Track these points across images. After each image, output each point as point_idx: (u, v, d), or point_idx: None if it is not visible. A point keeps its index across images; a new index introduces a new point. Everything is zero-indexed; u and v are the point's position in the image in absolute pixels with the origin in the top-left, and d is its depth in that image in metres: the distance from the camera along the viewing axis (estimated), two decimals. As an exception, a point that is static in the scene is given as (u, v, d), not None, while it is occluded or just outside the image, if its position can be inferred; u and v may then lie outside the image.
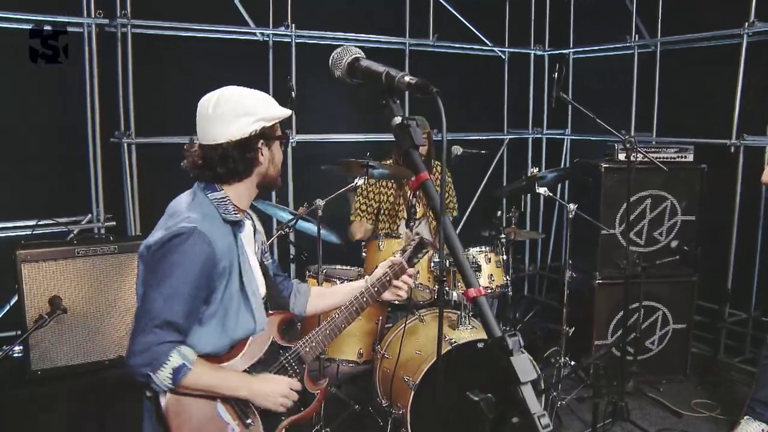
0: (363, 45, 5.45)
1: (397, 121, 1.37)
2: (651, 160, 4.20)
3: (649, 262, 4.52)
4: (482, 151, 4.63)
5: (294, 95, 4.06)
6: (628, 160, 3.96)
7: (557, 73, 4.00)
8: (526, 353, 3.45)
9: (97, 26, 4.44)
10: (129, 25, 4.47)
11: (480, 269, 3.88)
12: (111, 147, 4.64)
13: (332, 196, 3.70)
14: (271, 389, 2.06)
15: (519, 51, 6.51)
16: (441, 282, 1.30)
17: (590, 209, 4.41)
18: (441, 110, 1.27)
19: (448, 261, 3.56)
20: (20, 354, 3.66)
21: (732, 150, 4.89)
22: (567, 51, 6.43)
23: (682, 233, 4.70)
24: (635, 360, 4.54)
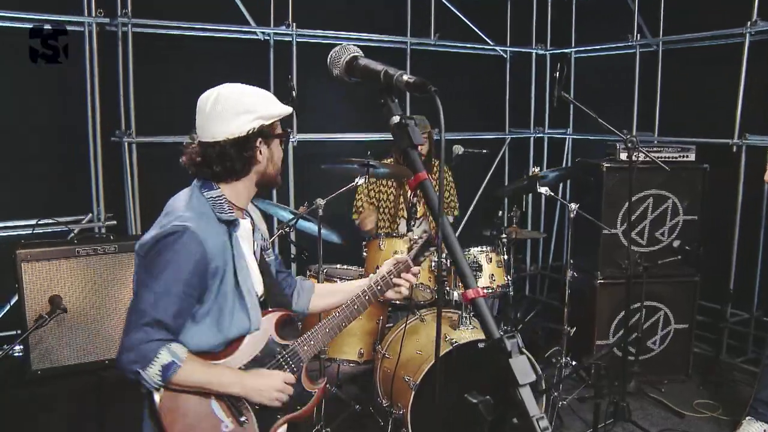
0: (364, 44, 5.49)
1: (396, 121, 1.35)
2: (653, 160, 4.18)
3: (651, 262, 4.51)
4: (483, 151, 4.61)
5: (295, 94, 4.05)
6: (630, 160, 3.95)
7: (558, 73, 3.99)
8: (527, 353, 3.47)
9: (98, 25, 4.43)
10: (129, 24, 4.46)
11: (481, 269, 3.87)
12: (112, 146, 4.63)
13: (333, 196, 3.70)
14: (264, 384, 2.05)
15: (521, 50, 6.50)
16: (440, 282, 1.29)
17: (592, 209, 4.41)
18: (439, 109, 1.26)
19: (449, 261, 3.56)
20: (20, 353, 3.65)
21: (734, 149, 4.87)
22: (569, 50, 6.41)
23: (684, 233, 4.69)
24: (637, 360, 4.53)
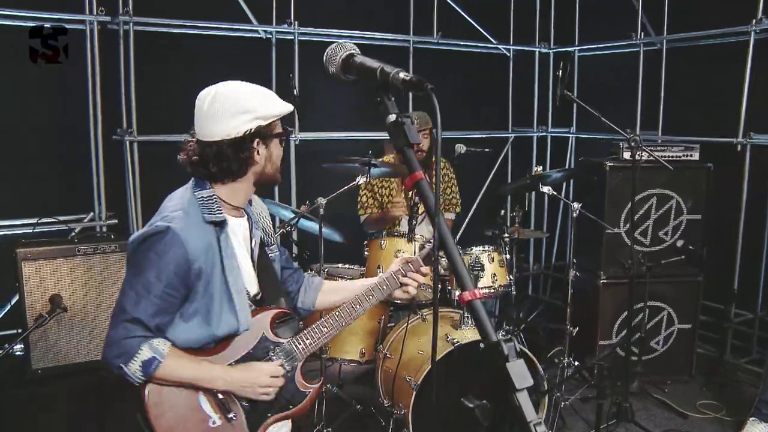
0: (367, 43, 5.47)
1: (392, 119, 1.33)
2: (656, 159, 4.15)
3: (654, 262, 4.49)
4: (486, 150, 4.59)
5: (296, 93, 4.04)
6: (633, 159, 3.93)
7: (561, 71, 3.96)
8: (529, 354, 3.44)
9: (99, 24, 4.43)
10: (131, 23, 4.46)
11: (483, 269, 3.84)
12: (113, 145, 4.63)
13: (334, 195, 3.68)
14: (249, 378, 2.03)
15: (524, 49, 6.47)
16: (436, 283, 1.26)
17: (595, 208, 4.39)
18: (436, 107, 1.24)
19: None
20: (21, 352, 3.65)
21: (738, 148, 4.84)
22: (572, 49, 6.38)
23: (688, 232, 4.66)
24: (640, 360, 4.51)
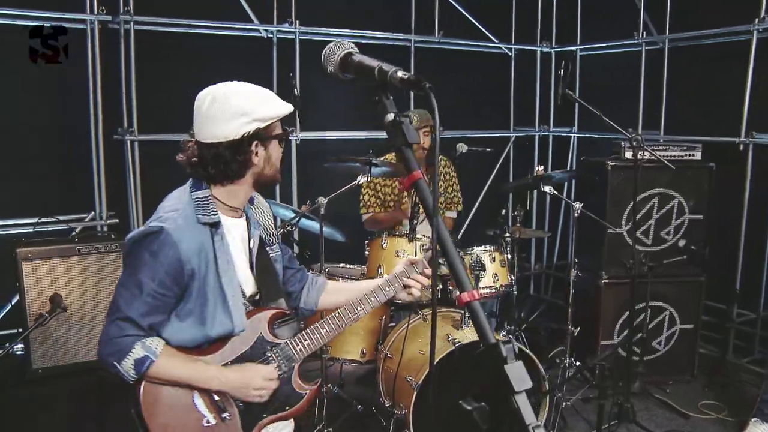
0: (368, 42, 5.46)
1: (390, 118, 1.32)
2: (658, 159, 4.14)
3: (656, 262, 4.47)
4: (487, 149, 4.58)
5: (297, 92, 4.03)
6: (635, 158, 3.91)
7: (563, 70, 3.95)
8: (531, 354, 3.42)
9: (100, 23, 4.43)
10: (132, 22, 4.46)
11: (484, 268, 3.83)
12: (113, 144, 4.63)
13: (335, 194, 3.67)
14: (242, 380, 2.02)
15: (526, 48, 6.46)
16: (434, 284, 1.25)
17: (596, 208, 4.38)
18: (434, 106, 1.23)
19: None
20: (22, 352, 3.65)
21: (741, 148, 4.82)
22: (574, 48, 6.37)
23: (690, 232, 4.64)
24: (641, 360, 4.49)
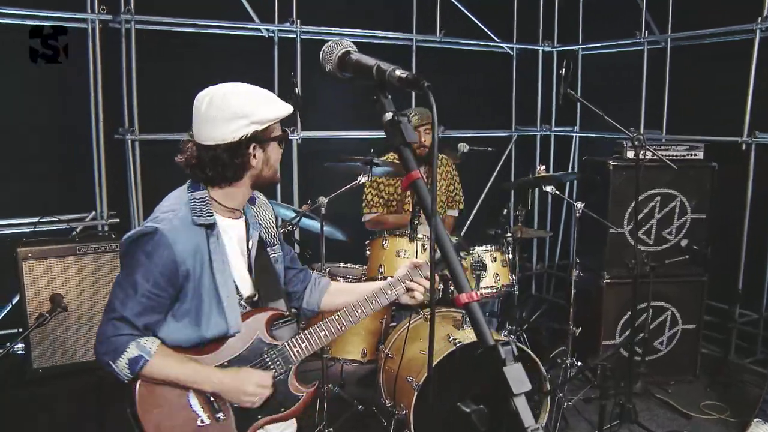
0: (369, 41, 5.45)
1: (388, 118, 1.31)
2: (660, 158, 4.12)
3: (658, 262, 4.46)
4: (489, 149, 4.56)
5: (298, 92, 4.01)
6: (637, 158, 3.90)
7: (564, 70, 3.93)
8: (532, 354, 3.41)
9: (101, 22, 4.42)
10: (132, 21, 4.45)
11: (485, 268, 3.83)
12: (114, 144, 4.62)
13: (335, 194, 3.66)
14: (235, 383, 2.00)
15: (527, 47, 6.44)
16: (432, 285, 1.24)
17: (598, 207, 4.37)
18: (433, 105, 1.22)
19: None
20: (22, 352, 3.65)
21: (743, 147, 4.81)
22: (576, 47, 6.35)
23: (692, 232, 4.63)
24: (643, 361, 4.47)
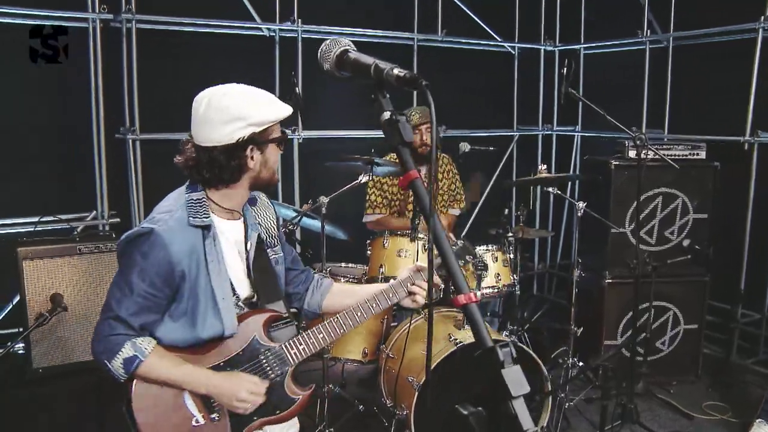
0: (371, 41, 5.44)
1: (386, 117, 1.30)
2: (662, 158, 4.11)
3: (660, 262, 4.44)
4: (490, 148, 4.55)
5: (299, 91, 4.00)
6: (639, 158, 3.88)
7: (566, 69, 3.92)
8: (533, 354, 3.40)
9: (102, 21, 4.41)
10: (133, 21, 4.45)
11: (487, 268, 3.82)
12: (115, 143, 4.62)
13: (336, 194, 3.65)
14: (228, 389, 2.00)
15: (529, 46, 6.43)
16: (430, 285, 1.23)
17: (600, 207, 4.35)
18: (431, 104, 1.21)
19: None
20: (23, 351, 3.65)
21: (746, 147, 4.79)
22: (578, 46, 6.33)
23: (694, 232, 4.61)
24: (645, 361, 4.46)
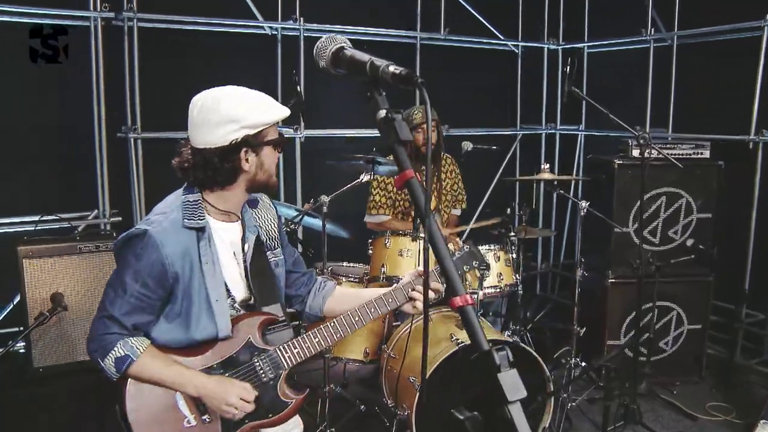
0: (373, 39, 5.43)
1: (382, 115, 1.29)
2: (666, 157, 4.08)
3: (664, 261, 4.41)
4: (493, 147, 4.53)
5: (300, 90, 3.99)
6: (643, 157, 3.86)
7: (569, 68, 3.91)
8: (535, 354, 3.38)
9: (103, 20, 4.41)
10: (135, 19, 4.44)
11: (489, 268, 3.81)
12: (117, 142, 4.61)
13: (337, 193, 3.64)
14: (218, 392, 1.99)
15: (532, 45, 6.40)
16: (426, 287, 1.21)
17: (603, 207, 4.34)
18: (427, 102, 1.20)
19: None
20: (23, 350, 3.65)
21: (750, 146, 4.76)
22: (581, 45, 6.30)
23: (698, 231, 4.58)
24: (648, 361, 4.44)
